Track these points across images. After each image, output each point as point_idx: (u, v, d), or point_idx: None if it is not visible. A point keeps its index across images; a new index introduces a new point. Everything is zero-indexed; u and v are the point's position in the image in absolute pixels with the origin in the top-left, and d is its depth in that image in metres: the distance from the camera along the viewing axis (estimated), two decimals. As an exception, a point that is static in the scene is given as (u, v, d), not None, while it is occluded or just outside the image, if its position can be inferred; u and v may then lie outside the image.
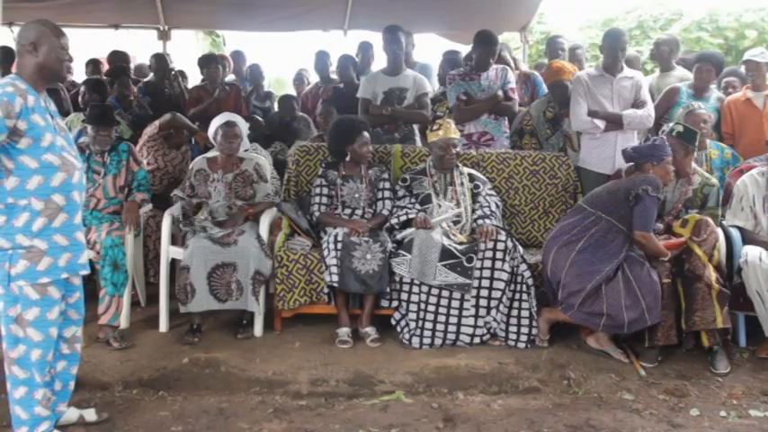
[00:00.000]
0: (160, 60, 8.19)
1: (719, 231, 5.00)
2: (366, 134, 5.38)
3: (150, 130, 6.36)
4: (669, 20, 15.56)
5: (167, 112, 6.49)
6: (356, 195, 5.37)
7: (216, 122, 5.54)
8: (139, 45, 9.38)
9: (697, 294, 4.62)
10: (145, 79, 8.28)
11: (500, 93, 6.07)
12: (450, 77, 6.32)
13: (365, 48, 7.95)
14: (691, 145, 4.97)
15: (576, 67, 6.69)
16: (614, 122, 5.81)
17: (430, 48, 11.21)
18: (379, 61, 7.71)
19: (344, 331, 4.95)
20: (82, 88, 6.98)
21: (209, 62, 7.46)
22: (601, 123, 5.77)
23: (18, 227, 3.36)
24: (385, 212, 5.34)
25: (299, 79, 9.24)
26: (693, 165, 5.08)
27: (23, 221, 3.37)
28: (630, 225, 4.67)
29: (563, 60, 7.33)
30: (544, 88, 6.86)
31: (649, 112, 5.88)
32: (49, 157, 3.39)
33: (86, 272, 3.68)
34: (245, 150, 5.74)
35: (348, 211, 5.36)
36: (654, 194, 4.65)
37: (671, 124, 5.20)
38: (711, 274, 4.64)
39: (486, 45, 6.11)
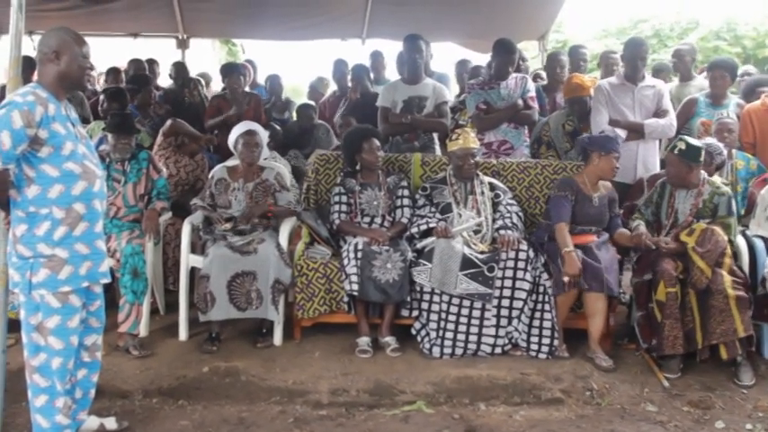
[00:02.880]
0: (180, 69, 8.20)
1: (742, 241, 4.97)
2: (375, 141, 5.39)
3: (159, 138, 6.38)
4: (686, 29, 15.52)
5: (185, 120, 6.51)
6: (375, 203, 5.36)
7: (236, 131, 5.56)
8: (158, 54, 9.38)
9: (714, 308, 4.54)
10: (166, 87, 8.31)
11: (520, 102, 6.06)
12: (469, 87, 6.32)
13: (375, 56, 8.02)
14: (693, 162, 4.83)
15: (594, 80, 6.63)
16: (636, 132, 5.77)
17: (443, 56, 11.22)
18: (392, 69, 7.77)
19: (364, 341, 4.93)
20: (101, 96, 6.99)
21: (230, 72, 7.39)
22: (622, 132, 5.74)
23: (39, 236, 3.36)
24: (404, 220, 5.32)
25: (316, 88, 9.24)
26: (704, 175, 4.99)
27: (45, 230, 3.36)
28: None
29: (583, 72, 7.32)
30: None
31: (671, 121, 5.85)
32: (70, 166, 3.39)
33: (107, 280, 3.68)
34: (265, 159, 5.74)
35: (367, 219, 5.35)
36: (557, 193, 5.07)
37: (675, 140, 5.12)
38: (726, 279, 4.57)
39: (505, 54, 6.10)
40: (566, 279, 4.74)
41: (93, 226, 3.50)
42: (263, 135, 5.62)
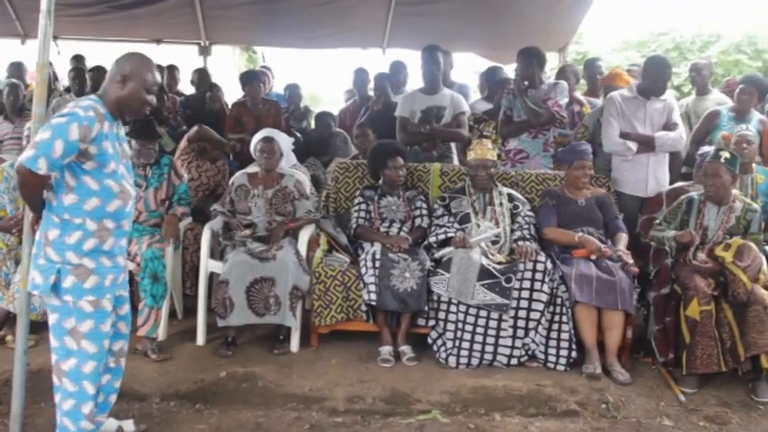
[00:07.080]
0: (202, 75, 8.24)
1: (763, 257, 4.95)
2: (399, 159, 5.45)
3: (182, 143, 6.43)
4: (706, 42, 15.43)
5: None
6: (393, 208, 5.43)
7: (255, 138, 5.63)
8: (180, 60, 9.45)
9: (753, 318, 4.52)
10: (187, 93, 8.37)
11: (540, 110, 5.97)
12: (506, 91, 6.25)
13: (397, 67, 8.01)
14: (735, 170, 4.90)
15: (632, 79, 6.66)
16: (646, 144, 5.76)
17: (463, 67, 11.21)
18: (414, 80, 7.79)
19: (387, 350, 4.93)
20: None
21: (250, 79, 7.45)
22: (633, 145, 5.73)
23: (70, 244, 3.36)
24: (423, 225, 5.38)
25: (350, 96, 9.24)
26: (734, 191, 5.01)
27: (76, 239, 3.37)
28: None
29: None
30: None
31: (681, 134, 5.85)
32: (109, 183, 3.39)
33: (125, 292, 3.69)
34: (292, 166, 5.79)
35: (386, 224, 5.39)
36: (540, 204, 5.43)
37: (713, 149, 5.11)
38: (762, 292, 4.58)
39: (521, 58, 6.09)
40: (592, 255, 4.97)
41: (117, 241, 3.52)
42: (284, 142, 5.66)
